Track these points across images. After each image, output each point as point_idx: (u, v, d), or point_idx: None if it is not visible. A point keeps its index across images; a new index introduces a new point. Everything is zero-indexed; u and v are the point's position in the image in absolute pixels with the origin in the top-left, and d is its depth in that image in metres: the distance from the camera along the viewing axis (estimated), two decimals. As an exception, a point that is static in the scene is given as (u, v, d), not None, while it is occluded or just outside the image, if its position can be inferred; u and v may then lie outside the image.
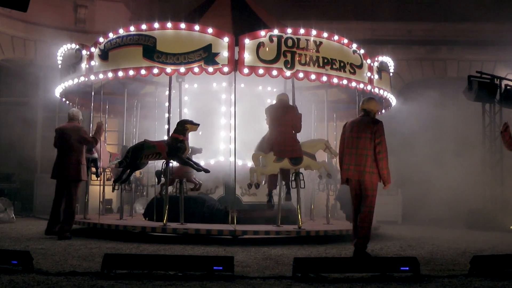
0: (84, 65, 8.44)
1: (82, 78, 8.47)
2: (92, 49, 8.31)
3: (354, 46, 8.57)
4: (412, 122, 11.87)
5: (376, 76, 9.00)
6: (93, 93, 9.19)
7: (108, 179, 9.79)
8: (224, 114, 9.63)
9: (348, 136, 6.38)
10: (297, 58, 7.81)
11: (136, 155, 7.97)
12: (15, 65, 14.56)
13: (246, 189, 8.81)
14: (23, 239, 7.59)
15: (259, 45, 7.70)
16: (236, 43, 7.69)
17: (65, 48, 9.23)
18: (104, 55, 8.13)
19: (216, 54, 7.62)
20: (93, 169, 9.18)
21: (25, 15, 11.69)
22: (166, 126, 10.48)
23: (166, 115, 10.61)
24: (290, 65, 7.78)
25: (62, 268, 4.98)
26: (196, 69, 7.65)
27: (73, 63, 8.69)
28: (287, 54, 7.78)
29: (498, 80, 12.35)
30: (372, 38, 14.39)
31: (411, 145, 12.35)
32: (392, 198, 13.56)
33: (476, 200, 12.18)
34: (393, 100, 9.96)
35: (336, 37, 8.30)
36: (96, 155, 9.11)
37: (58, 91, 9.67)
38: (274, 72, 7.77)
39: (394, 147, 12.80)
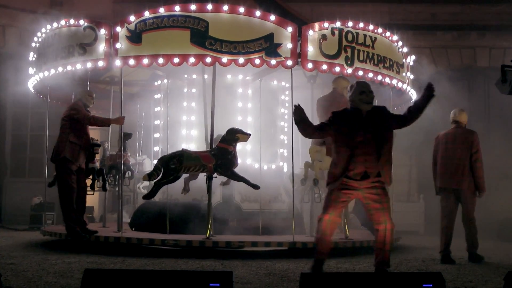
0: (102, 47, 7.92)
1: (100, 63, 7.93)
2: (118, 29, 7.83)
3: (400, 43, 8.94)
4: (436, 119, 11.83)
5: (412, 76, 9.48)
6: (88, 83, 9.08)
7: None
8: (241, 111, 9.60)
9: (444, 147, 7.73)
10: (356, 54, 8.02)
11: (173, 167, 7.89)
12: (-20, 54, 14.55)
13: (246, 195, 8.83)
14: (-9, 253, 7.61)
15: (322, 38, 7.82)
16: (298, 34, 7.75)
17: (59, 25, 8.58)
18: (135, 37, 7.75)
19: (279, 45, 7.64)
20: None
21: (-8, -3, 11.68)
22: (157, 122, 10.40)
23: (157, 109, 10.51)
24: (350, 61, 7.99)
25: (35, 286, 4.98)
26: (257, 61, 7.64)
27: (80, 43, 8.12)
28: (347, 49, 7.96)
29: (537, 70, 12.31)
30: (390, 23, 14.27)
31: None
32: (413, 205, 13.54)
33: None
34: (413, 94, 9.96)
35: (387, 33, 8.62)
36: (97, 164, 8.94)
37: (33, 81, 9.31)
38: (337, 69, 7.97)
39: (416, 147, 12.90)
